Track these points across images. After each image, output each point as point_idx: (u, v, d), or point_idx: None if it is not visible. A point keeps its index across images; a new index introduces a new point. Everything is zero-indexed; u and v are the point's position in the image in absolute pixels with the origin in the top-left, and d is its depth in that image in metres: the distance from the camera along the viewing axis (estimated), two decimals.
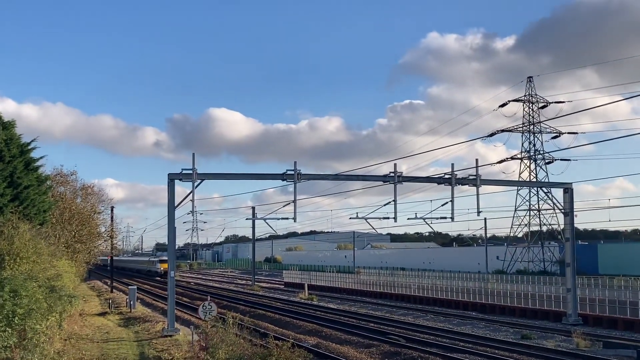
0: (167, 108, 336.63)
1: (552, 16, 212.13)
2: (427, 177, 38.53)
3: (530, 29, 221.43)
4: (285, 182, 33.69)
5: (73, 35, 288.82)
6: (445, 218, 36.51)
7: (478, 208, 36.72)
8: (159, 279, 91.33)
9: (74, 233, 46.62)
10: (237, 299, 51.45)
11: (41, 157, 35.85)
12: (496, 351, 25.69)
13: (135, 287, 49.21)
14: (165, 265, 71.79)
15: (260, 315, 40.37)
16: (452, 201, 35.76)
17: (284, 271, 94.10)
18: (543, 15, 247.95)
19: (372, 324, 35.83)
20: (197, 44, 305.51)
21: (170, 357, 24.15)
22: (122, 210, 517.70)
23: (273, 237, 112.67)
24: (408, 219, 40.21)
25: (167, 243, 35.79)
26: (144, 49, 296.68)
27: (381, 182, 35.60)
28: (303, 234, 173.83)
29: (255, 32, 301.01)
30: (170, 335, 30.36)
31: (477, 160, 36.35)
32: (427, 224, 37.47)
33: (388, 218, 36.32)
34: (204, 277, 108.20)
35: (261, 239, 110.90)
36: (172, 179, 32.85)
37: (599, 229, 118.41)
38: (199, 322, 32.56)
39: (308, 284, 67.65)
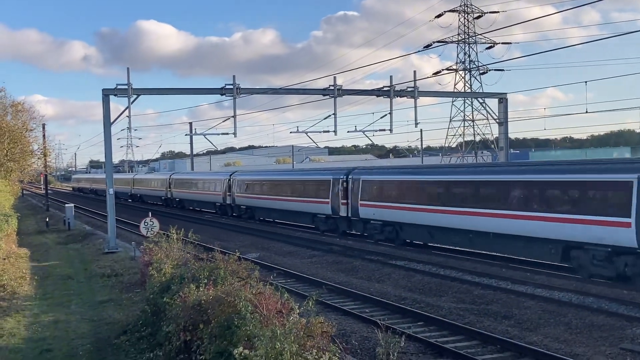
0: (94, 21, 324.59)
1: None
2: (366, 89, 38.65)
3: None
4: (224, 96, 33.27)
5: None
6: (384, 130, 36.98)
7: (416, 119, 37.24)
8: None
9: (5, 151, 45.37)
10: (175, 215, 51.38)
11: None
12: (431, 257, 26.53)
13: (72, 204, 48.49)
14: None
15: (200, 230, 40.53)
16: (390, 113, 36.16)
17: None
18: None
19: (315, 236, 36.45)
20: None
21: (114, 273, 24.26)
22: (54, 128, 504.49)
23: (211, 153, 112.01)
24: (348, 131, 40.59)
25: (102, 160, 35.22)
26: None
27: (320, 96, 35.59)
28: (241, 149, 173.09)
29: None
30: (112, 252, 30.33)
31: (414, 72, 36.67)
32: (366, 136, 37.88)
33: (328, 132, 36.54)
34: None
35: (199, 155, 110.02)
36: (106, 94, 32.00)
37: (530, 138, 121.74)
38: (141, 238, 32.56)
39: None
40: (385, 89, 36.06)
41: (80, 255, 31.58)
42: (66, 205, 48.25)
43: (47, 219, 47.76)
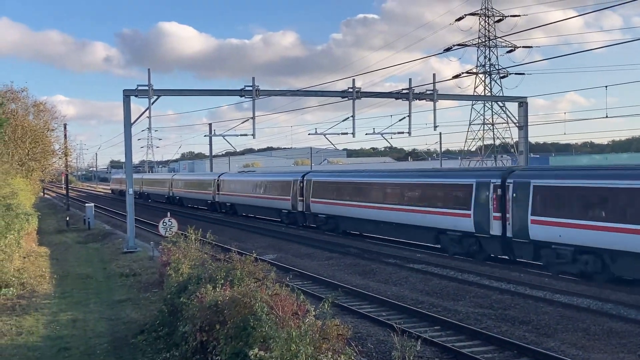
0: (116, 22, 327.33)
1: None
2: (385, 92, 38.53)
3: None
4: (243, 98, 33.39)
5: None
6: (402, 133, 36.91)
7: (435, 122, 37.12)
8: None
9: (27, 151, 45.82)
10: (195, 215, 51.60)
11: None
12: (448, 261, 26.44)
13: (92, 204, 48.85)
14: None
15: (219, 231, 40.65)
16: (409, 116, 36.07)
17: None
18: None
19: (332, 238, 36.41)
20: None
21: (132, 273, 24.41)
22: (75, 128, 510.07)
23: (230, 154, 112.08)
24: (366, 134, 40.25)
25: (122, 160, 35.47)
26: None
27: (339, 98, 35.61)
28: (260, 150, 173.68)
29: None
30: (131, 252, 30.50)
31: (434, 75, 36.52)
32: (384, 139, 37.85)
33: (346, 134, 36.57)
34: None
35: (218, 156, 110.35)
36: (127, 95, 32.23)
37: (550, 142, 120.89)
38: (159, 238, 32.72)
39: None
40: (404, 91, 35.97)
41: (99, 254, 31.81)
42: (86, 204, 48.57)
43: (68, 218, 48.14)
